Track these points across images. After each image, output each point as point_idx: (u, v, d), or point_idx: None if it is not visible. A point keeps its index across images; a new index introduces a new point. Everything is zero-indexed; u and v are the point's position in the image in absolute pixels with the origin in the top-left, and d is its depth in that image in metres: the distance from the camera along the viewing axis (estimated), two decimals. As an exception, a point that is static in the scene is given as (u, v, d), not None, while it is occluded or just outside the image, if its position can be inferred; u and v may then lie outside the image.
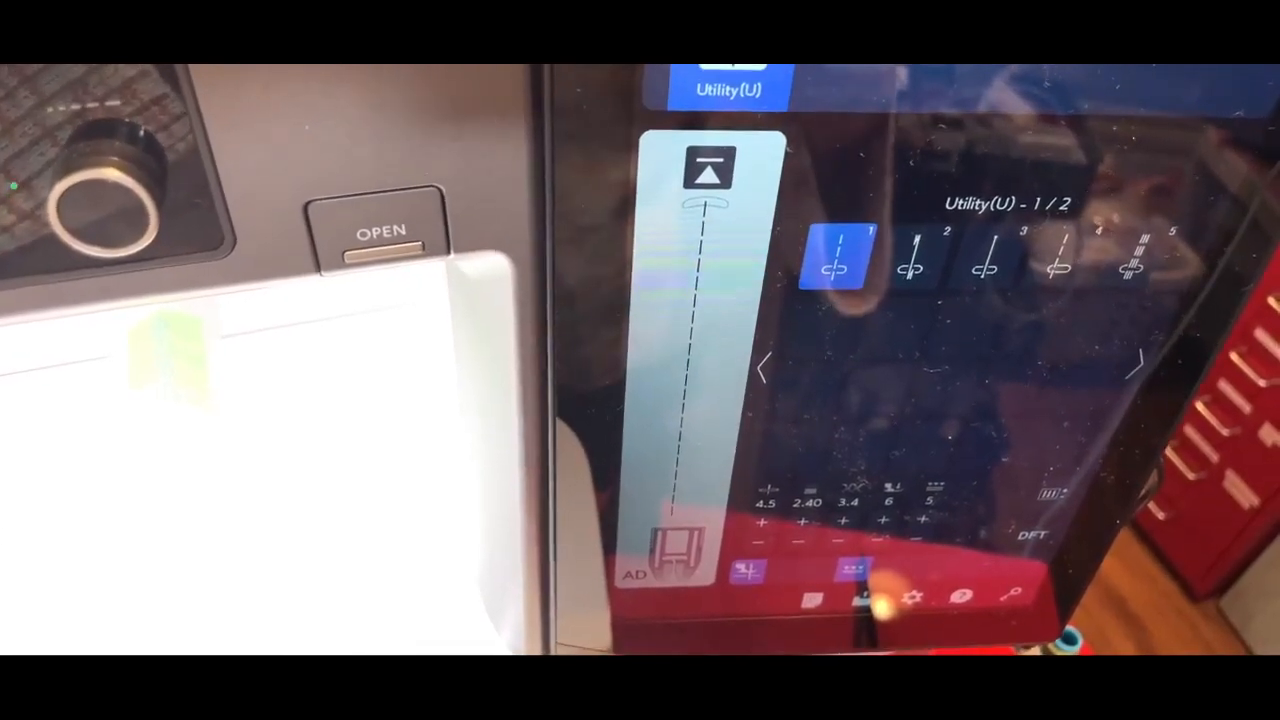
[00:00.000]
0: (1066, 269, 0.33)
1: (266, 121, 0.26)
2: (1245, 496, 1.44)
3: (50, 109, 0.24)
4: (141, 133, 0.25)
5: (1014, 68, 0.28)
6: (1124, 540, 1.68)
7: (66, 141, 0.25)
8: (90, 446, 0.54)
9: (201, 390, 0.55)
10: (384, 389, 0.60)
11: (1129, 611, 1.59)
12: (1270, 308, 1.33)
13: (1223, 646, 1.54)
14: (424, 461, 0.56)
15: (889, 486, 0.40)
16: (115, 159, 0.25)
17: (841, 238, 0.32)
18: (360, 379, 0.60)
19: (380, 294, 0.60)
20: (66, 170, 0.24)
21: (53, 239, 0.25)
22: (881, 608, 0.44)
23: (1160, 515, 1.59)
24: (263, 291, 0.55)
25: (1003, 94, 0.29)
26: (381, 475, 0.55)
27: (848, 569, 0.42)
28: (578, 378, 0.35)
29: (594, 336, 0.34)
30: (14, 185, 0.25)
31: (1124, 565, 1.65)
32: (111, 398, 0.55)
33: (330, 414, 0.58)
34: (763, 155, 0.29)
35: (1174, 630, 1.57)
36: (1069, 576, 0.44)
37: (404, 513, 0.54)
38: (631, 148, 0.29)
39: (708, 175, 0.30)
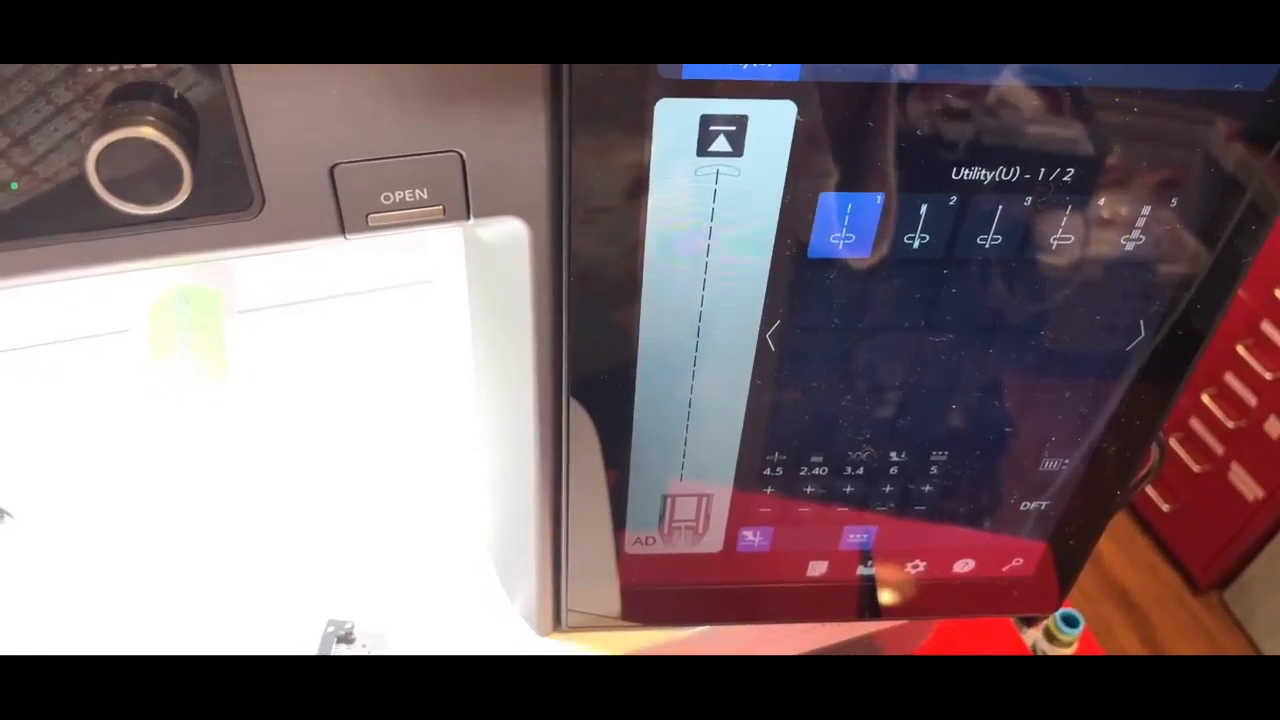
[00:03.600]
0: (1069, 239, 0.34)
1: (296, 86, 0.27)
2: (1250, 489, 1.45)
3: (89, 69, 0.25)
4: (176, 95, 0.26)
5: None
6: (1128, 532, 1.68)
7: (105, 101, 0.26)
8: (109, 419, 0.55)
9: (220, 364, 0.56)
10: (401, 365, 0.61)
11: (1132, 602, 1.60)
12: (1277, 300, 1.33)
13: (1225, 639, 1.55)
14: (439, 434, 0.57)
15: (893, 455, 0.40)
16: (152, 118, 0.26)
17: (850, 206, 0.33)
18: (377, 354, 0.61)
19: (398, 271, 0.61)
20: (105, 128, 0.25)
21: (90, 196, 0.26)
22: (885, 576, 0.45)
23: (1165, 507, 1.59)
24: (282, 266, 0.56)
25: (1008, 68, 0.30)
26: (398, 449, 0.56)
27: (852, 537, 0.43)
28: (591, 345, 0.36)
29: (608, 303, 0.35)
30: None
31: (1128, 557, 1.65)
32: (132, 371, 0.56)
33: (347, 388, 0.59)
34: (774, 124, 0.30)
35: (1177, 622, 1.57)
36: (1070, 548, 0.45)
37: (420, 485, 0.55)
38: (647, 115, 0.30)
39: (720, 143, 0.31)
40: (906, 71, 0.30)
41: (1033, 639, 0.81)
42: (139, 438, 0.55)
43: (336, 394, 0.59)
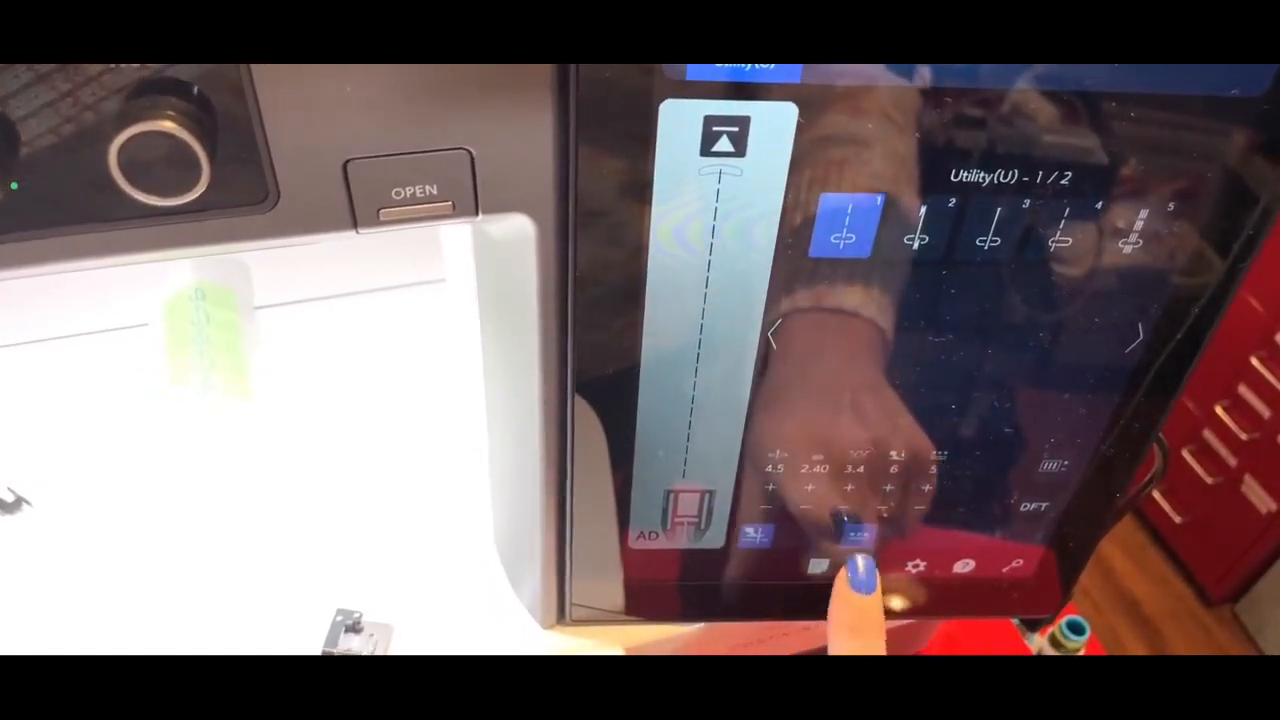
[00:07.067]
0: (1068, 242, 0.34)
1: (311, 84, 0.28)
2: (1263, 502, 1.44)
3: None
4: (195, 90, 0.27)
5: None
6: (1139, 544, 1.68)
7: (126, 96, 0.27)
8: (127, 411, 0.57)
9: (235, 359, 0.57)
10: (413, 361, 0.62)
11: (1143, 615, 1.59)
12: (1291, 312, 1.33)
13: (1236, 652, 1.54)
14: (449, 430, 0.58)
15: (893, 454, 0.41)
16: (172, 113, 0.26)
17: (850, 207, 0.33)
18: (390, 351, 0.62)
19: (412, 269, 0.62)
20: (126, 122, 0.26)
21: (111, 187, 0.27)
22: (885, 575, 0.46)
23: (1176, 519, 1.59)
24: (298, 263, 0.57)
25: (1007, 70, 0.30)
26: (408, 444, 0.57)
27: (852, 536, 0.44)
28: (596, 341, 0.37)
29: (612, 299, 0.35)
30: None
31: (1139, 569, 1.65)
32: (149, 365, 0.57)
33: (360, 384, 0.60)
34: (776, 125, 0.31)
35: (1188, 635, 1.57)
36: (1070, 550, 0.46)
37: (429, 480, 0.56)
38: (651, 115, 0.30)
39: (723, 143, 0.31)
40: (905, 75, 0.30)
41: (1038, 645, 0.81)
42: (156, 429, 0.56)
43: (349, 389, 0.60)
